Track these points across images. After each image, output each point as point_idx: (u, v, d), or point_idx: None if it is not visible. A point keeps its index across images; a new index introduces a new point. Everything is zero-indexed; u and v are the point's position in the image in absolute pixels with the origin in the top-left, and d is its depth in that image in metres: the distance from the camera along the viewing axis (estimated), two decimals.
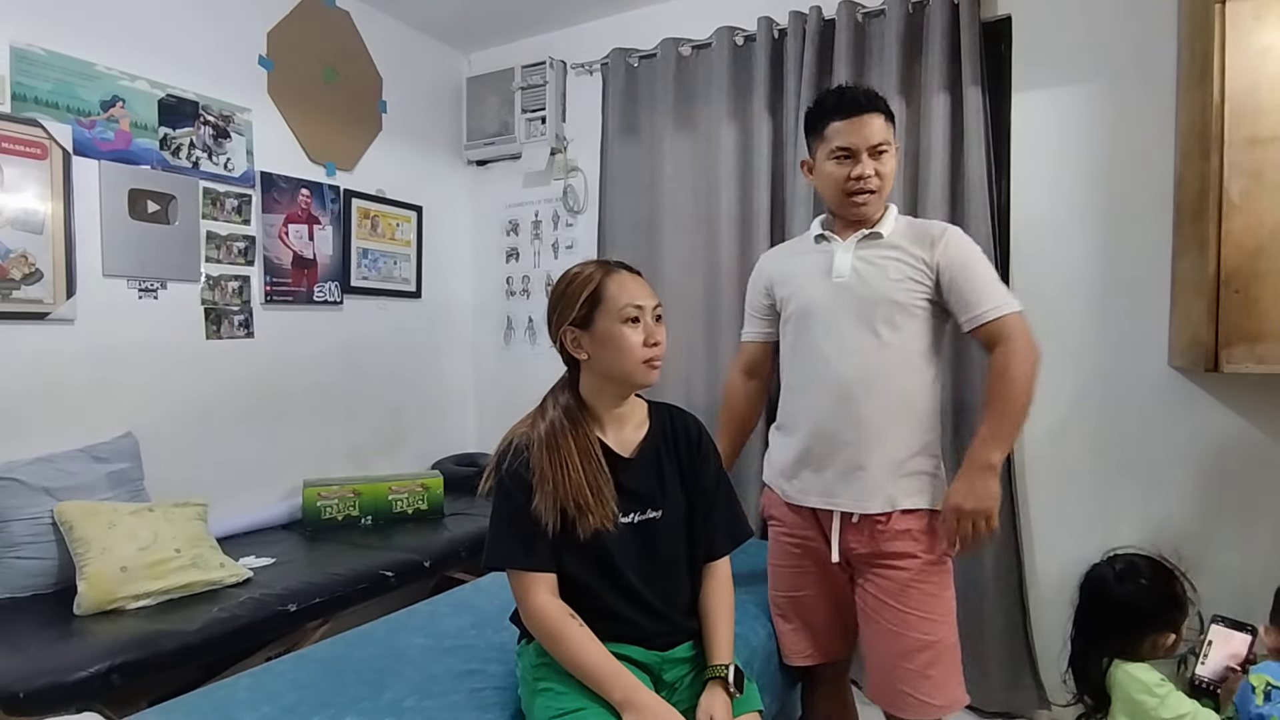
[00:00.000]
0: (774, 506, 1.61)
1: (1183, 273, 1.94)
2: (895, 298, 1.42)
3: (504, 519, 1.19)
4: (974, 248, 1.45)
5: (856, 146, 1.43)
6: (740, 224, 2.61)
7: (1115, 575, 1.70)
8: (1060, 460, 2.20)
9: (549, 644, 1.16)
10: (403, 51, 3.09)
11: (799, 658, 1.58)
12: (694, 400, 2.65)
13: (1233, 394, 1.98)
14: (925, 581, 1.42)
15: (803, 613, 1.57)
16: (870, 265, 1.45)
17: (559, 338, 1.24)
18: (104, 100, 2.15)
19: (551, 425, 1.21)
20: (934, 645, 1.40)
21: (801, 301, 1.52)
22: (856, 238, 1.48)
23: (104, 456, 2.07)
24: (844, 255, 1.48)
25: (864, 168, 1.43)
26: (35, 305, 2.01)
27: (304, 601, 1.93)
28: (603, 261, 1.28)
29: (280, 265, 2.63)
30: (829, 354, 1.45)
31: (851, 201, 1.46)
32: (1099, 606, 1.70)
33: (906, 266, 1.43)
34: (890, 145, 1.46)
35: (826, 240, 1.53)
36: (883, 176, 1.45)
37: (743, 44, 2.61)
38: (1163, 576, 1.68)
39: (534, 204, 3.26)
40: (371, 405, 2.99)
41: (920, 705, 1.39)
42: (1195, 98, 1.82)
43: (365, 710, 1.22)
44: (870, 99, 1.45)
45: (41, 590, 1.88)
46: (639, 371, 1.21)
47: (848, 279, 1.46)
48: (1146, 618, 1.62)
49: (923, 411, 1.45)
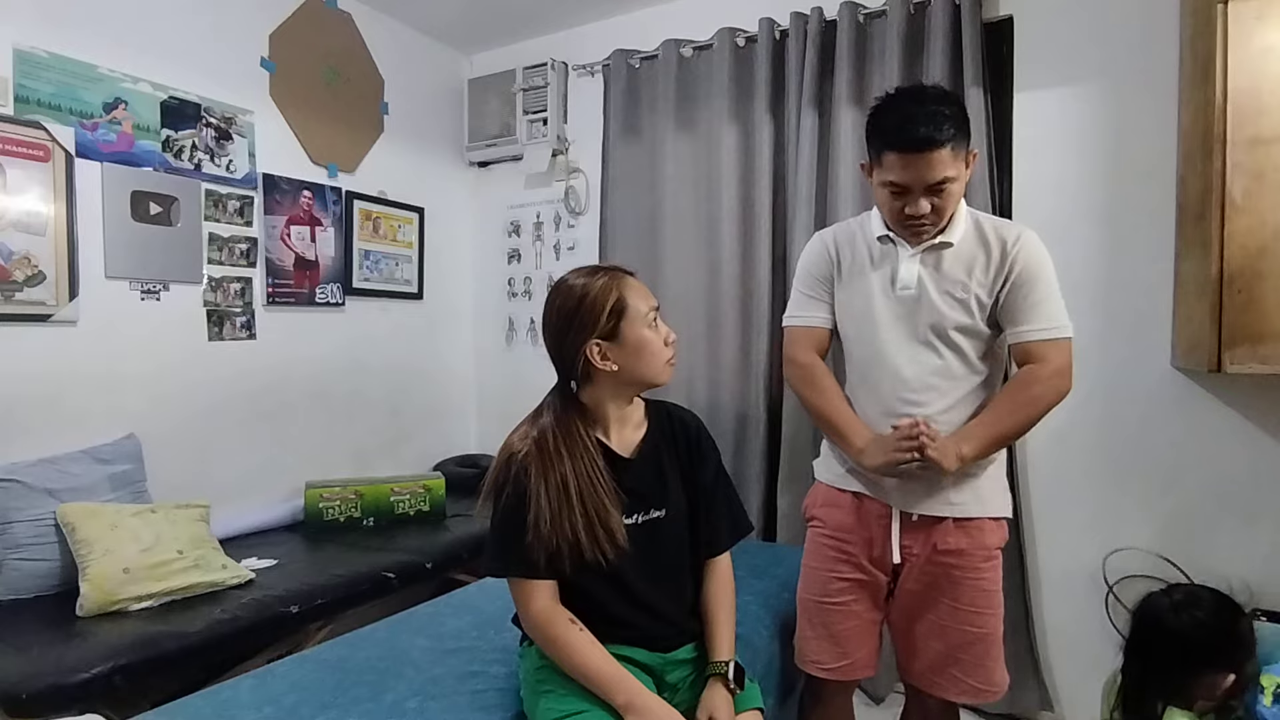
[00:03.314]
0: (818, 508, 1.55)
1: (1185, 273, 1.93)
2: (960, 321, 1.37)
3: (502, 529, 1.18)
4: (1049, 263, 1.38)
5: (911, 185, 1.32)
6: (741, 225, 2.61)
7: (1171, 606, 1.60)
8: (1063, 460, 2.20)
9: (550, 650, 1.16)
10: (404, 53, 3.10)
11: (817, 668, 1.51)
12: (695, 400, 2.65)
13: (1235, 394, 1.97)
14: (980, 577, 1.41)
15: (831, 621, 1.49)
16: (937, 279, 1.38)
17: (582, 354, 1.18)
18: (106, 102, 2.15)
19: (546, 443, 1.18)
20: (987, 637, 1.41)
21: (863, 307, 1.46)
22: (923, 247, 1.39)
23: (106, 458, 2.07)
24: (911, 264, 1.39)
25: (919, 207, 1.33)
26: (38, 307, 2.01)
27: (306, 603, 1.93)
28: (603, 269, 1.24)
29: (282, 267, 2.63)
30: (890, 363, 1.41)
31: (907, 230, 1.39)
32: (1150, 638, 1.60)
33: (970, 280, 1.36)
34: (955, 176, 1.31)
35: (892, 243, 1.43)
36: (940, 211, 1.34)
37: (744, 45, 2.61)
38: (1225, 611, 1.58)
39: (535, 205, 3.26)
40: (373, 406, 2.99)
41: (975, 691, 1.42)
42: (1197, 98, 1.81)
43: (367, 712, 1.23)
44: (931, 134, 1.26)
45: (44, 592, 1.88)
46: (664, 372, 1.23)
47: (913, 291, 1.39)
48: (1200, 655, 1.52)
49: None
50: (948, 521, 1.40)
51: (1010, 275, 1.36)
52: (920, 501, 1.40)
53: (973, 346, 1.39)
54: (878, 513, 1.44)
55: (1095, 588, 2.11)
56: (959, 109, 1.34)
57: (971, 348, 1.39)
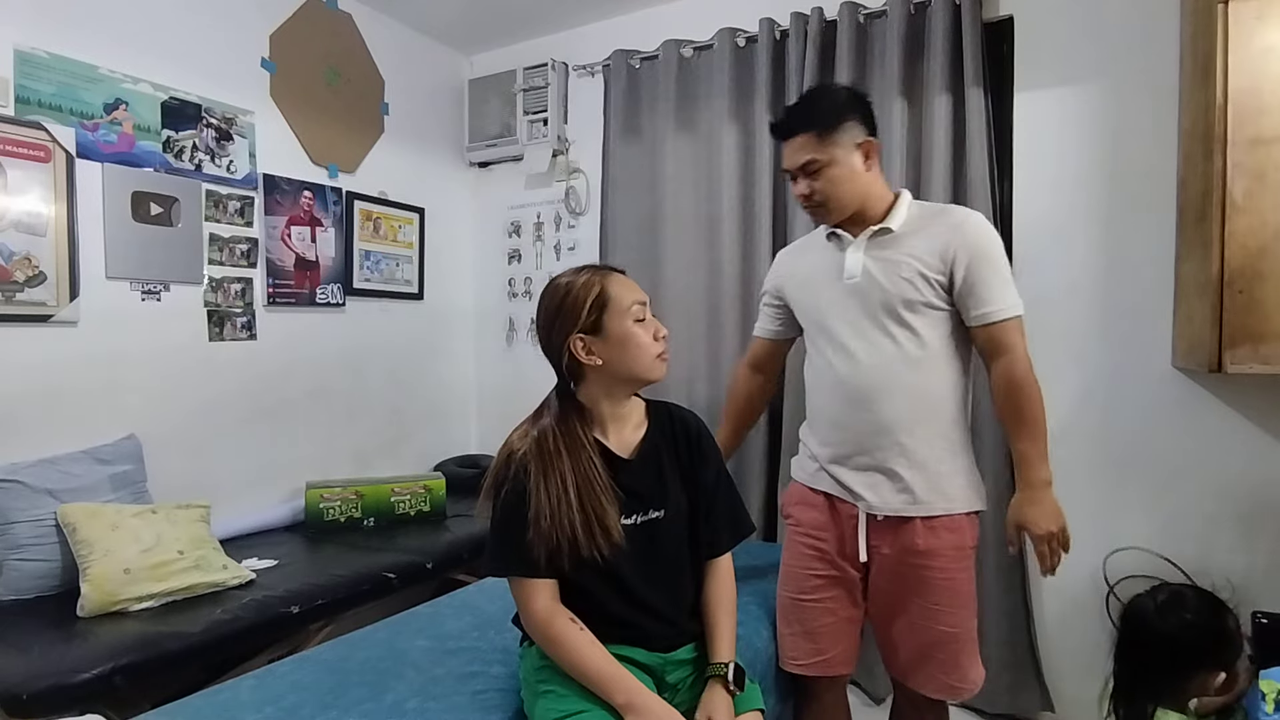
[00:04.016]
0: (793, 506, 1.58)
1: (1186, 273, 1.93)
2: (908, 296, 1.39)
3: (503, 529, 1.19)
4: (995, 238, 1.41)
5: (790, 168, 1.46)
6: (742, 225, 2.61)
7: (1156, 608, 1.61)
8: (1063, 461, 2.17)
9: (550, 649, 1.16)
10: (405, 53, 3.10)
11: (794, 665, 1.54)
12: (695, 400, 2.65)
13: (1236, 395, 1.97)
14: (952, 577, 1.41)
15: (807, 618, 1.53)
16: (881, 263, 1.42)
17: (566, 348, 1.20)
18: (107, 103, 2.15)
19: (546, 442, 1.19)
20: (958, 637, 1.42)
21: (814, 303, 1.51)
22: (866, 235, 1.44)
23: (107, 458, 2.07)
24: (855, 254, 1.45)
25: (799, 188, 1.45)
26: (38, 308, 2.01)
27: (306, 603, 1.93)
28: (590, 267, 1.26)
29: (283, 267, 2.63)
30: (845, 358, 1.44)
31: (810, 214, 1.49)
32: (1139, 641, 1.61)
33: (918, 262, 1.39)
34: (824, 161, 1.41)
35: (838, 238, 1.49)
36: (822, 192, 1.43)
37: (744, 45, 2.61)
38: (1210, 610, 1.58)
39: (536, 205, 3.26)
40: (374, 407, 2.99)
41: (951, 689, 1.45)
42: (1198, 98, 1.81)
43: (367, 712, 1.22)
44: (796, 119, 1.44)
45: (45, 592, 1.88)
46: (654, 367, 1.22)
47: (859, 279, 1.43)
48: (1191, 655, 1.52)
49: (947, 412, 1.42)
50: (916, 521, 1.41)
51: (959, 254, 1.37)
52: (885, 503, 1.42)
53: (927, 326, 1.39)
54: (848, 512, 1.47)
55: (1095, 588, 2.11)
56: (837, 102, 1.44)
57: (926, 328, 1.39)
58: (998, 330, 1.37)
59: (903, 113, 2.30)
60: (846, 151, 1.41)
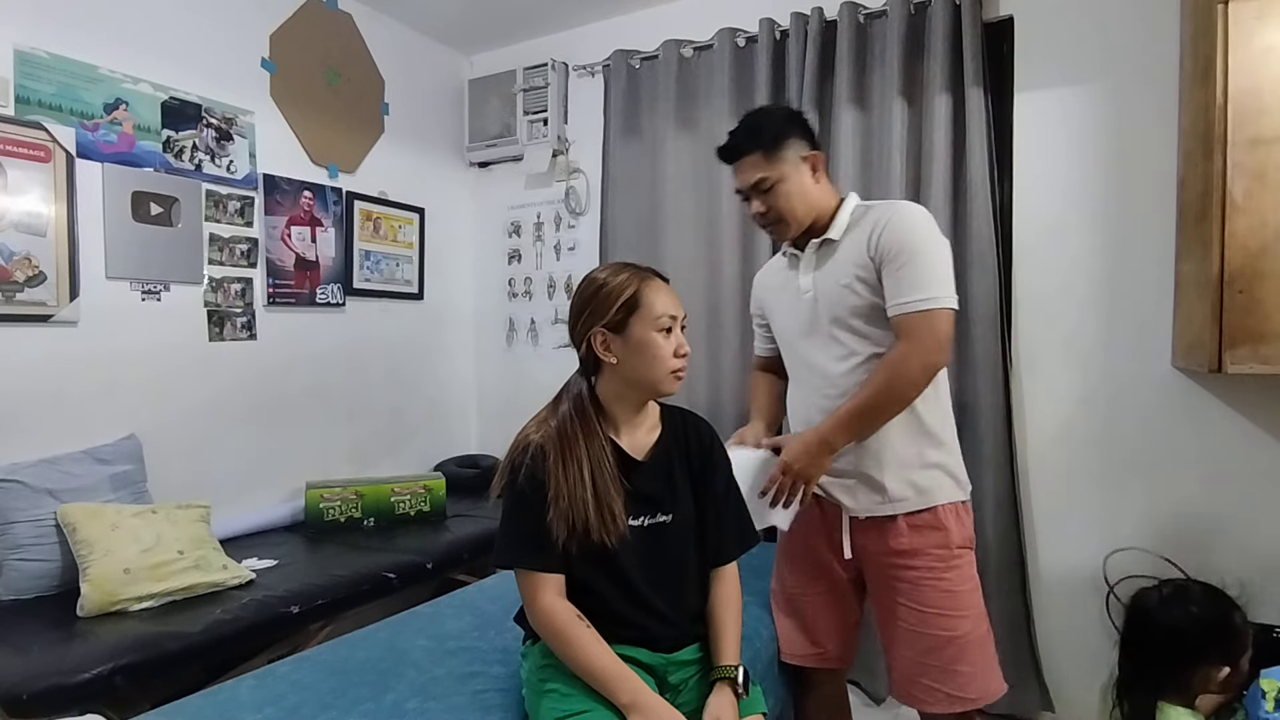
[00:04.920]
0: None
1: (1186, 273, 1.93)
2: (850, 303, 1.40)
3: (515, 519, 1.19)
4: (918, 230, 1.37)
5: (742, 188, 1.48)
6: (742, 225, 2.61)
7: (1161, 600, 1.60)
8: (1063, 460, 2.20)
9: (555, 645, 1.16)
10: (405, 54, 3.10)
11: (793, 657, 1.58)
12: (695, 401, 2.64)
13: (1236, 395, 1.97)
14: (940, 578, 1.39)
15: (801, 610, 1.57)
16: (824, 275, 1.45)
17: (586, 339, 1.22)
18: (107, 103, 2.15)
19: (565, 428, 1.20)
20: (957, 640, 1.37)
21: (783, 323, 1.56)
22: (813, 248, 1.48)
23: (107, 458, 2.07)
24: (807, 270, 1.48)
25: (755, 206, 1.47)
26: (39, 308, 2.01)
27: (306, 603, 1.93)
28: (635, 266, 1.26)
29: (283, 267, 2.63)
30: (809, 371, 1.48)
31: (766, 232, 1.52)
32: (1143, 634, 1.60)
33: (853, 267, 1.40)
34: (774, 178, 1.42)
35: (796, 255, 1.53)
36: (776, 209, 1.44)
37: (744, 45, 2.61)
38: (1216, 604, 1.58)
39: (536, 206, 3.26)
40: (374, 407, 2.99)
41: (950, 699, 1.37)
42: (1198, 98, 1.81)
43: (368, 712, 1.23)
44: (742, 140, 1.45)
45: (45, 592, 1.88)
46: (666, 381, 1.22)
47: (812, 293, 1.46)
48: (1194, 648, 1.51)
49: (916, 411, 1.40)
50: (899, 521, 1.41)
51: (879, 250, 1.37)
52: (862, 505, 1.43)
53: (876, 328, 1.40)
54: (834, 513, 1.49)
55: (1095, 588, 2.11)
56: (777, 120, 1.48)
57: (876, 330, 1.40)
58: (902, 321, 1.34)
59: (903, 113, 2.30)
60: (794, 167, 1.44)
